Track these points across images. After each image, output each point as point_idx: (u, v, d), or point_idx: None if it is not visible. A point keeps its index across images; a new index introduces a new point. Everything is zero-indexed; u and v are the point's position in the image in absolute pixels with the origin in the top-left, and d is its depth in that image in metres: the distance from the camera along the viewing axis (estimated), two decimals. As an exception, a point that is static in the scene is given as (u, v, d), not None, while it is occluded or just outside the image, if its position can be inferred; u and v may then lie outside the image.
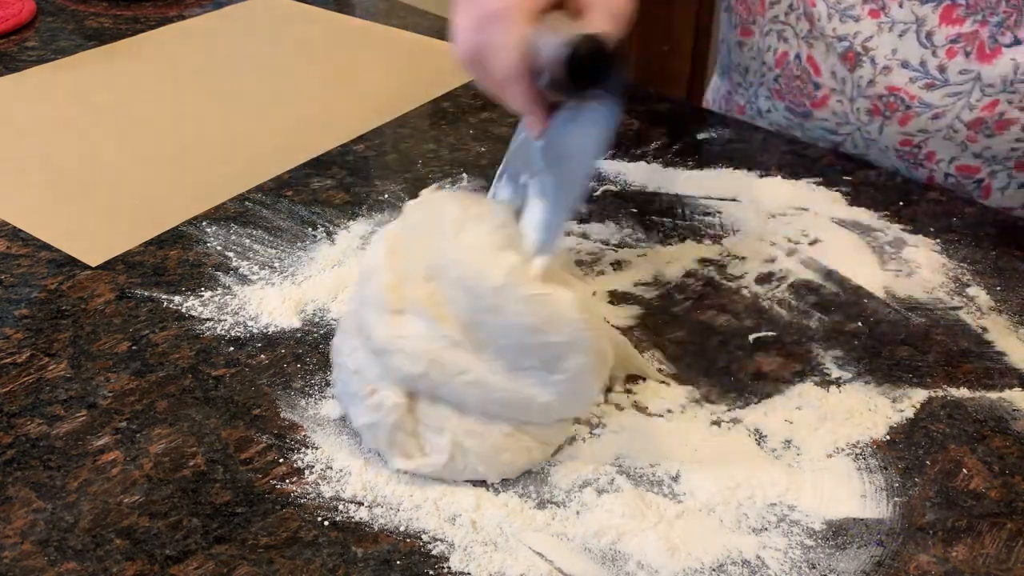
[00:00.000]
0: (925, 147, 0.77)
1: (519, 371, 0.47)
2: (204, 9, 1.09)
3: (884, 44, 0.73)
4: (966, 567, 0.45)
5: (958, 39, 0.70)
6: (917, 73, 0.72)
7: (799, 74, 0.80)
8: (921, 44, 0.71)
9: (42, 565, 0.44)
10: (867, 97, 0.75)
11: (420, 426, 0.49)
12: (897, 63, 0.73)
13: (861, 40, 0.74)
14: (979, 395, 0.55)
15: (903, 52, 0.72)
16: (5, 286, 0.63)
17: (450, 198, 0.53)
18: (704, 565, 0.45)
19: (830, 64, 0.77)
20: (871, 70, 0.74)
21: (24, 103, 0.87)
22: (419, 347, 0.48)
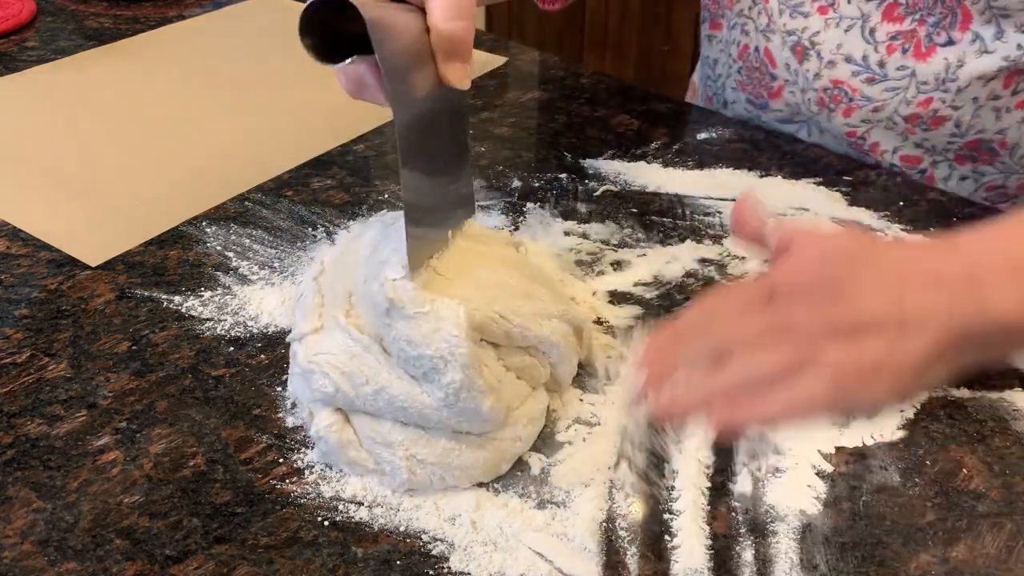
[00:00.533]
0: (869, 137, 0.79)
1: (414, 380, 0.47)
2: (204, 9, 1.09)
3: (830, 39, 0.75)
4: (966, 567, 0.45)
5: (897, 36, 0.72)
6: (859, 67, 0.75)
7: (758, 66, 0.83)
8: (864, 40, 0.74)
9: (42, 565, 0.44)
10: (815, 89, 0.78)
11: (368, 442, 0.49)
12: (841, 57, 0.75)
13: (809, 35, 0.76)
14: (979, 395, 0.55)
15: (847, 47, 0.75)
16: (5, 286, 0.63)
17: (382, 219, 0.54)
18: (704, 565, 0.45)
19: (784, 57, 0.80)
20: (817, 64, 0.77)
21: (24, 103, 0.87)
22: (330, 362, 0.48)
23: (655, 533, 0.47)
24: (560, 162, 0.78)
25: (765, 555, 0.45)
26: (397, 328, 0.47)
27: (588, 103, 0.88)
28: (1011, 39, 0.68)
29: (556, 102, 0.89)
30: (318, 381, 0.48)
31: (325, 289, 0.52)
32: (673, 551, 0.46)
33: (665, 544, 0.46)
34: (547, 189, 0.75)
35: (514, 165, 0.78)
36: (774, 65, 0.81)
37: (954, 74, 0.71)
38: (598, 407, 0.54)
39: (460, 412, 0.46)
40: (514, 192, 0.74)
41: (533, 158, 0.79)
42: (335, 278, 0.52)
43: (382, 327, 0.48)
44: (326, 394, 0.48)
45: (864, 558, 0.45)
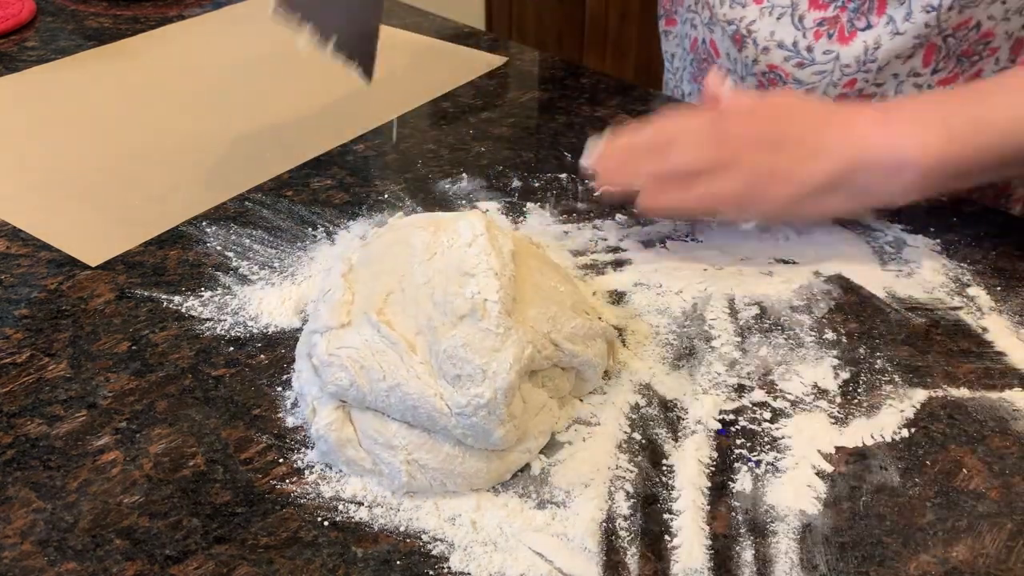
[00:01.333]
0: None
1: (434, 382, 0.47)
2: (204, 9, 1.09)
3: (764, 27, 0.79)
4: (966, 567, 0.45)
5: (823, 22, 0.76)
6: (790, 53, 0.78)
7: (705, 57, 0.87)
8: (795, 26, 0.77)
9: (42, 565, 0.44)
10: (753, 75, 0.82)
11: (368, 442, 0.49)
12: (775, 44, 0.79)
13: (746, 24, 0.80)
14: (979, 395, 0.55)
15: (779, 34, 0.78)
16: (5, 286, 0.63)
17: (417, 223, 0.54)
18: (704, 565, 0.45)
19: (725, 47, 0.83)
20: (754, 50, 0.80)
21: (24, 103, 0.87)
22: (351, 355, 0.48)
23: (655, 533, 0.47)
24: (560, 162, 0.78)
25: (765, 555, 0.45)
26: (460, 331, 0.47)
27: (588, 103, 0.88)
28: (918, 18, 0.72)
29: (556, 102, 0.89)
30: (335, 374, 0.49)
31: (356, 286, 0.52)
32: (673, 551, 0.46)
33: (665, 544, 0.46)
34: (547, 189, 0.75)
35: (514, 165, 0.78)
36: (718, 55, 0.85)
37: (873, 55, 0.75)
38: (598, 407, 0.54)
39: (471, 427, 0.46)
40: (514, 192, 0.74)
41: (533, 158, 0.79)
42: (371, 278, 0.52)
43: (429, 330, 0.48)
44: (340, 387, 0.48)
45: (864, 558, 0.45)
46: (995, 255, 0.67)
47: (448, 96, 0.90)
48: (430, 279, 0.50)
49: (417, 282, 0.50)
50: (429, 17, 1.08)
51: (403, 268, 0.52)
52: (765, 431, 0.52)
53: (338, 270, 0.54)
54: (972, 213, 0.72)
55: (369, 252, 0.55)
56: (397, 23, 1.06)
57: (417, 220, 0.56)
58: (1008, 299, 0.63)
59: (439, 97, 0.89)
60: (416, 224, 0.55)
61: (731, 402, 0.54)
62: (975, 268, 0.65)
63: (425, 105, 0.88)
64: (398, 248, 0.53)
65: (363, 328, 0.50)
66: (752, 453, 0.51)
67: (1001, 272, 0.65)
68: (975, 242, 0.68)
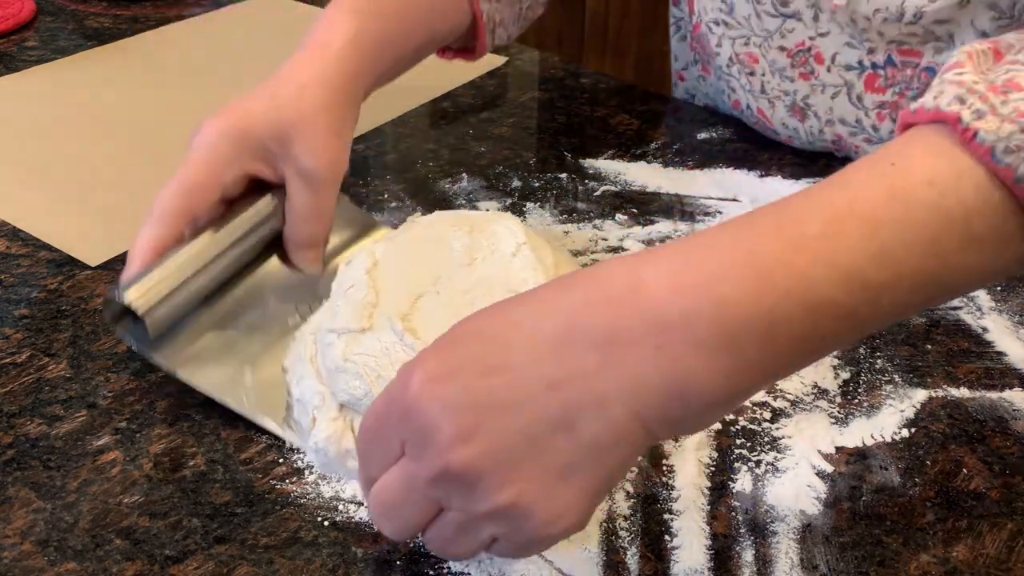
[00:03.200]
0: None
1: None
2: (204, 9, 1.09)
3: (821, 103, 0.74)
4: (966, 567, 0.45)
5: (883, 106, 0.71)
6: (855, 128, 0.74)
7: (755, 121, 0.81)
8: (853, 105, 0.73)
9: (42, 565, 0.44)
10: (824, 141, 0.77)
11: None
12: (836, 119, 0.74)
13: (801, 97, 0.75)
14: (979, 395, 0.55)
15: (838, 111, 0.74)
16: (5, 286, 0.63)
17: (449, 221, 0.53)
18: (704, 565, 0.45)
19: (779, 117, 0.78)
20: (817, 122, 0.75)
21: (24, 103, 0.87)
22: (368, 364, 0.47)
23: (655, 533, 0.47)
24: (560, 162, 0.78)
25: (765, 555, 0.45)
26: None
27: (588, 103, 0.88)
28: None
29: (556, 102, 0.89)
30: (349, 382, 0.47)
31: (380, 284, 0.50)
32: (673, 551, 0.46)
33: (665, 544, 0.46)
34: (547, 189, 0.75)
35: (514, 165, 0.78)
36: (770, 123, 0.79)
37: None
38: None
39: None
40: (514, 192, 0.74)
41: (533, 158, 0.79)
42: (399, 277, 0.50)
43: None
44: (353, 397, 0.47)
45: (864, 558, 0.45)
46: (995, 255, 0.67)
47: (448, 96, 0.90)
48: (470, 289, 0.48)
49: (456, 288, 0.48)
50: (429, 17, 1.08)
51: (438, 270, 0.49)
52: (765, 431, 0.52)
53: (361, 264, 0.51)
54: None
55: (396, 247, 0.52)
56: (397, 23, 1.06)
57: (448, 218, 0.54)
58: (1008, 299, 0.63)
59: (439, 97, 0.89)
60: (449, 223, 0.53)
61: (731, 402, 0.54)
62: (975, 268, 0.65)
63: (425, 105, 0.88)
64: (431, 247, 0.51)
65: (384, 334, 0.47)
66: (752, 453, 0.51)
67: (1001, 272, 0.65)
68: (975, 242, 0.68)
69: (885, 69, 0.70)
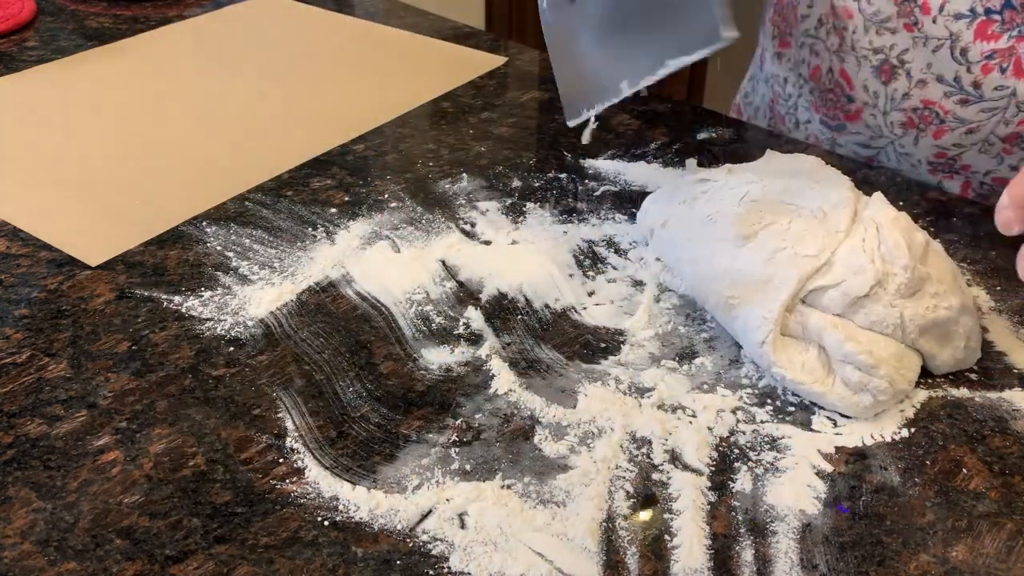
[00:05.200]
0: (960, 159, 0.76)
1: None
2: (204, 9, 1.09)
3: (919, 58, 0.72)
4: (966, 567, 0.45)
5: (993, 55, 0.69)
6: (951, 88, 0.71)
7: (832, 87, 0.79)
8: (955, 60, 0.70)
9: (42, 565, 0.44)
10: (901, 110, 0.74)
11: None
12: (932, 77, 0.72)
13: (897, 53, 0.72)
14: (979, 395, 0.55)
15: (937, 67, 0.71)
16: (5, 286, 0.63)
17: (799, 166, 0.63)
18: (704, 565, 0.45)
19: (862, 78, 0.76)
20: (906, 83, 0.73)
21: (24, 103, 0.87)
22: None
23: (655, 533, 0.47)
24: (560, 162, 0.78)
25: (765, 555, 0.45)
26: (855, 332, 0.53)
27: (588, 103, 0.88)
28: None
29: (556, 102, 0.89)
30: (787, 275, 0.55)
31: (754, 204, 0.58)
32: (673, 551, 0.46)
33: (665, 544, 0.46)
34: (547, 189, 0.75)
35: (514, 165, 0.78)
36: (851, 87, 0.77)
37: None
38: (598, 407, 0.54)
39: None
40: (514, 192, 0.74)
41: (533, 158, 0.79)
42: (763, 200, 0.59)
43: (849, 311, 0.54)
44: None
45: (864, 558, 0.45)
46: (995, 255, 0.67)
47: (448, 96, 0.90)
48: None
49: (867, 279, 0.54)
50: (429, 17, 1.08)
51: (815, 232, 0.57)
52: (765, 431, 0.52)
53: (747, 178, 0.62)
54: (972, 213, 0.72)
55: (765, 176, 0.61)
56: (397, 23, 1.06)
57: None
58: (1008, 299, 0.63)
59: (439, 97, 0.89)
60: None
61: (731, 401, 0.54)
62: (975, 268, 0.65)
63: (425, 105, 0.88)
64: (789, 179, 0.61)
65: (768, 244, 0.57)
66: (752, 453, 0.51)
67: (1001, 272, 0.65)
68: (975, 242, 0.68)
69: (1002, 13, 0.67)
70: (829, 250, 0.55)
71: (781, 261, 0.55)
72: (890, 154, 0.80)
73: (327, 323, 0.60)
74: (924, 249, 0.55)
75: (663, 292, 0.63)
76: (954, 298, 0.54)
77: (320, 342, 0.58)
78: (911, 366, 0.54)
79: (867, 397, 0.52)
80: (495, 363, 0.57)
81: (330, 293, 0.63)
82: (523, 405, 0.54)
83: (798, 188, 0.59)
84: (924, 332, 0.54)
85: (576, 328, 0.60)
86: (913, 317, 0.53)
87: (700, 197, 0.63)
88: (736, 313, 0.56)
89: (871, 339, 0.53)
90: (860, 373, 0.52)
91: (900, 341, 0.54)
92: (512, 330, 0.60)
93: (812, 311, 0.54)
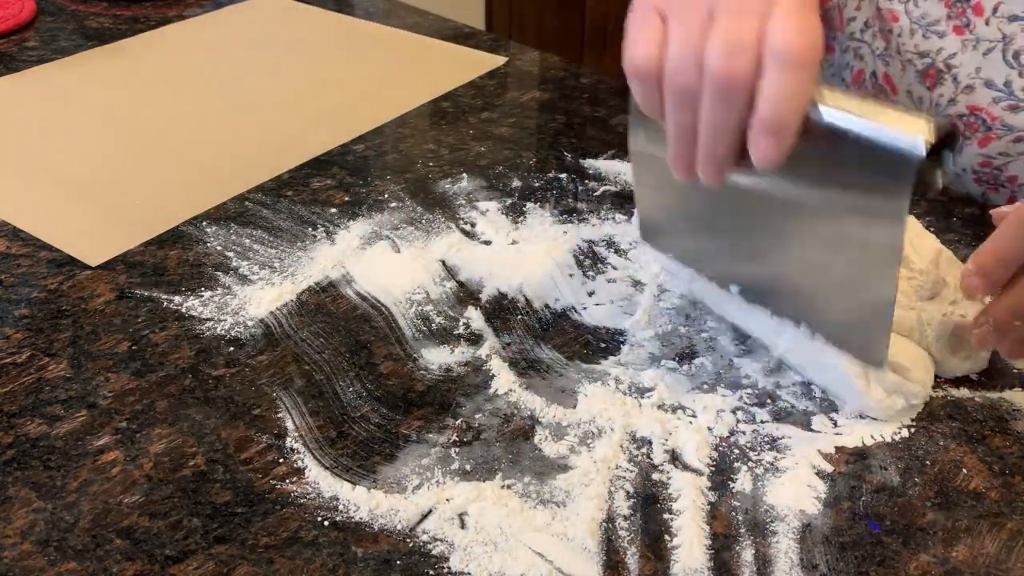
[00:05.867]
0: (1006, 170, 0.73)
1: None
2: (204, 9, 1.09)
3: (968, 62, 0.70)
4: (966, 567, 0.45)
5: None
6: (1001, 93, 0.69)
7: (875, 93, 0.78)
8: (1007, 64, 0.68)
9: (42, 565, 0.44)
10: (946, 117, 0.72)
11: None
12: (980, 82, 0.70)
13: (944, 57, 0.71)
14: (979, 395, 0.55)
15: (987, 71, 0.69)
16: (5, 286, 0.63)
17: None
18: (704, 565, 0.45)
19: (906, 83, 0.74)
20: (952, 88, 0.71)
21: (24, 103, 0.87)
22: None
23: (655, 533, 0.47)
24: (560, 162, 0.78)
25: (765, 555, 0.45)
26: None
27: (588, 103, 0.88)
28: None
29: (556, 102, 0.89)
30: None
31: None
32: (673, 551, 0.46)
33: (665, 544, 0.46)
34: (547, 189, 0.75)
35: (514, 165, 0.78)
36: (895, 92, 0.75)
37: None
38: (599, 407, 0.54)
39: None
40: (514, 192, 0.74)
41: (533, 158, 0.79)
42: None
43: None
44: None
45: (864, 558, 0.45)
46: (995, 255, 0.67)
47: (448, 96, 0.90)
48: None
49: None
50: (429, 17, 1.08)
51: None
52: (765, 431, 0.52)
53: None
54: (972, 213, 0.72)
55: None
56: (397, 23, 1.06)
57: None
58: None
59: (439, 97, 0.89)
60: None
61: (731, 401, 0.54)
62: (975, 268, 0.65)
63: (425, 105, 0.88)
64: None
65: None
66: (752, 453, 0.51)
67: (1001, 272, 0.65)
68: (975, 242, 0.68)
69: None
70: None
71: None
72: None
73: (327, 323, 0.60)
74: (937, 255, 0.55)
75: (663, 292, 0.63)
76: (970, 307, 0.55)
77: (320, 342, 0.58)
78: (931, 368, 0.54)
79: (900, 400, 0.52)
80: (495, 363, 0.57)
81: (330, 293, 0.63)
82: (523, 405, 0.54)
83: None
84: (939, 338, 0.54)
85: (576, 328, 0.60)
86: (930, 321, 0.54)
87: None
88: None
89: (894, 340, 0.53)
90: (895, 376, 0.52)
91: (917, 344, 0.54)
92: (512, 330, 0.60)
93: None
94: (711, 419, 0.53)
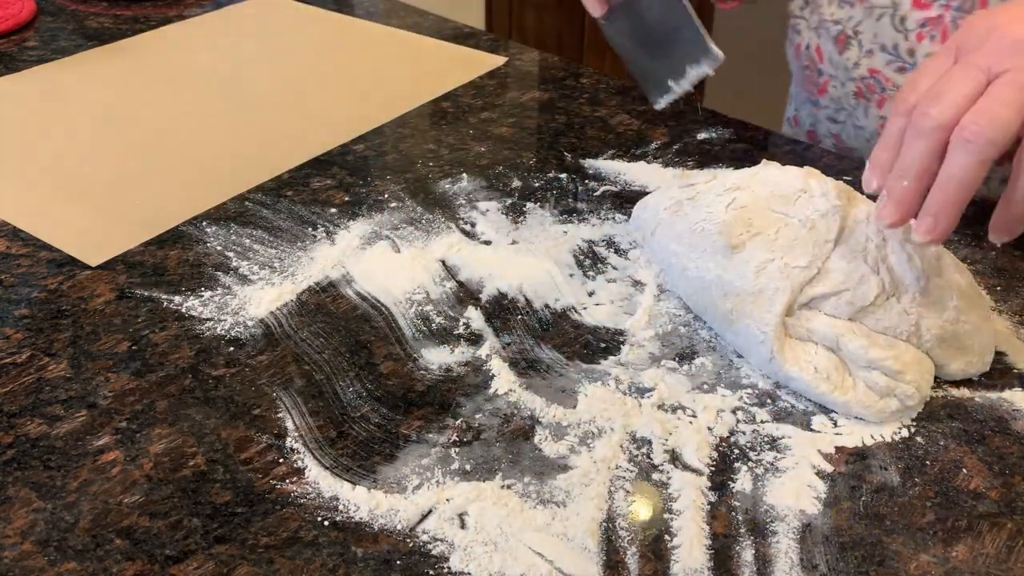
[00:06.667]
0: None
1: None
2: (204, 9, 1.09)
3: (868, 29, 0.76)
4: (966, 567, 0.45)
5: (925, 23, 0.73)
6: (891, 56, 0.75)
7: (807, 63, 0.84)
8: (895, 28, 0.74)
9: (42, 565, 0.44)
10: (853, 80, 0.79)
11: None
12: (877, 46, 0.76)
13: (853, 24, 0.77)
14: (979, 395, 0.55)
15: (881, 36, 0.75)
16: (5, 286, 0.63)
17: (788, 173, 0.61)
18: (704, 565, 0.45)
19: (827, 50, 0.81)
20: (857, 53, 0.77)
21: (24, 103, 0.87)
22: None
23: (655, 533, 0.47)
24: (560, 162, 0.78)
25: (765, 555, 0.45)
26: (869, 348, 0.53)
27: (588, 103, 0.88)
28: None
29: (556, 102, 0.89)
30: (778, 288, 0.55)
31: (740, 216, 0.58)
32: (673, 551, 0.46)
33: (665, 544, 0.46)
34: (547, 189, 0.75)
35: (514, 165, 0.78)
36: (821, 60, 0.82)
37: None
38: (599, 408, 0.54)
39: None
40: (514, 192, 0.74)
41: (533, 158, 0.79)
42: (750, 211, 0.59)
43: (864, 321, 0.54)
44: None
45: (864, 558, 0.45)
46: (995, 255, 0.67)
47: (448, 96, 0.90)
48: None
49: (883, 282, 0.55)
50: (429, 17, 1.08)
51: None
52: (765, 431, 0.52)
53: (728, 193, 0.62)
54: (972, 213, 0.72)
55: (754, 185, 0.61)
56: (397, 23, 1.06)
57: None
58: (1008, 299, 0.63)
59: (439, 97, 0.89)
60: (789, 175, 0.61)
61: (731, 401, 0.54)
62: (975, 268, 0.65)
63: (425, 105, 0.88)
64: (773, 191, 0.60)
65: (756, 253, 0.57)
66: (752, 453, 0.51)
67: (1001, 272, 0.65)
68: (975, 242, 0.68)
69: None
70: (820, 259, 0.55)
71: (771, 273, 0.55)
72: (849, 131, 0.83)
73: (327, 323, 0.60)
74: (936, 260, 0.55)
75: (663, 292, 0.63)
76: (974, 313, 0.55)
77: (320, 342, 0.58)
78: (930, 370, 0.54)
79: (894, 402, 0.52)
80: (495, 363, 0.57)
81: (330, 293, 0.63)
82: (523, 405, 0.54)
83: (786, 196, 0.58)
84: (941, 342, 0.54)
85: (576, 328, 0.60)
86: (930, 327, 0.54)
87: (686, 204, 0.63)
88: (736, 328, 0.56)
89: (890, 343, 0.53)
90: (887, 379, 0.52)
91: (916, 347, 0.54)
92: (512, 330, 0.60)
93: (816, 314, 0.54)
94: (711, 419, 0.53)
